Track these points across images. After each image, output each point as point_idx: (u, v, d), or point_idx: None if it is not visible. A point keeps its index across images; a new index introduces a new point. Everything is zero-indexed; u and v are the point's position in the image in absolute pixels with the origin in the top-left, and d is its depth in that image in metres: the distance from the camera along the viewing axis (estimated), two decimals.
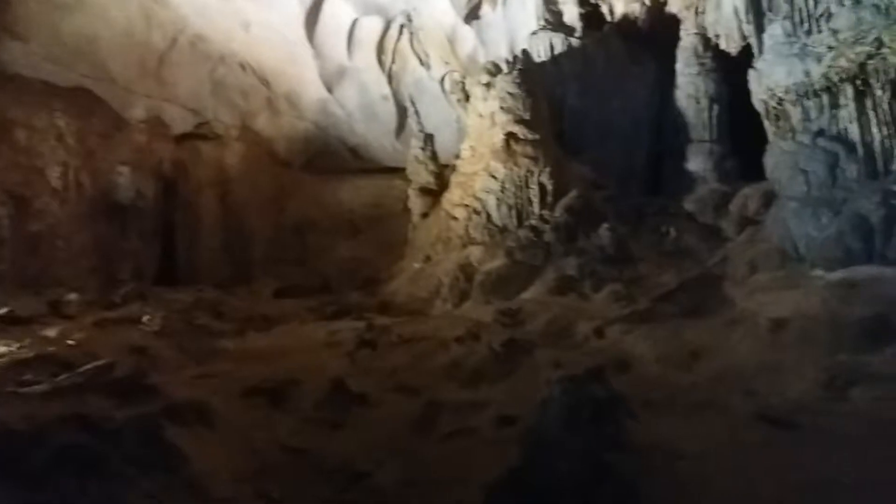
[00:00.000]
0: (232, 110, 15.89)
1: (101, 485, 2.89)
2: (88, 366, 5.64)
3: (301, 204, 16.21)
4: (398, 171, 15.06)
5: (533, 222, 11.33)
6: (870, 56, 7.62)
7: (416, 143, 14.00)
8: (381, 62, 15.59)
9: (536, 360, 6.32)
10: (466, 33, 15.06)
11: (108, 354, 6.17)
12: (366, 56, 15.45)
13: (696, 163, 12.92)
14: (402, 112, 15.87)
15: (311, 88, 15.73)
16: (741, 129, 11.15)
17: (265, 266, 15.24)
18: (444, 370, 6.33)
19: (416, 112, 14.50)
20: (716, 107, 13.03)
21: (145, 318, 8.36)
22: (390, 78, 15.80)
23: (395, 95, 15.91)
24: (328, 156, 16.69)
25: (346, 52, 15.30)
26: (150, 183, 14.73)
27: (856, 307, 6.05)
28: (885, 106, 7.73)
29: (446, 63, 15.53)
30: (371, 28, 15.08)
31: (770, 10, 9.03)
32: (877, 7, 7.67)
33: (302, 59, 15.17)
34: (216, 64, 15.24)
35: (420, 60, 15.65)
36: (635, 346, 6.50)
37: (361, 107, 16.10)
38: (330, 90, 15.78)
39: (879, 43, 7.54)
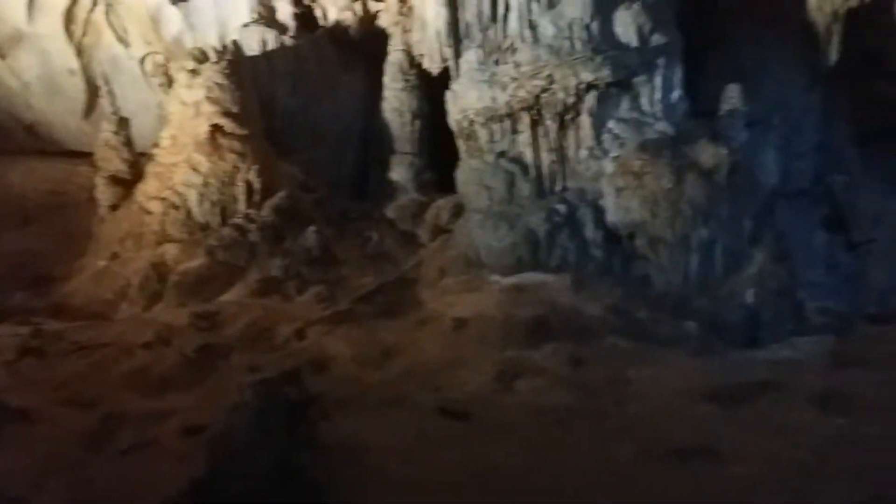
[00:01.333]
0: None
1: None
2: None
3: None
4: (84, 156, 13.42)
5: (238, 221, 10.90)
6: (543, 90, 8.77)
7: (107, 127, 12.57)
8: (69, 32, 13.82)
9: (232, 364, 6.17)
10: (172, 14, 14.00)
11: None
12: (50, 22, 13.57)
13: (399, 173, 13.56)
14: (92, 90, 14.19)
15: None
16: (441, 143, 12.01)
17: None
18: (126, 379, 5.89)
19: (111, 92, 13.06)
20: (418, 122, 13.78)
21: None
22: (80, 51, 14.08)
23: (85, 71, 14.21)
24: None
25: (25, 14, 13.34)
26: None
27: (523, 308, 6.99)
28: (553, 135, 8.97)
29: (148, 43, 14.29)
30: None
31: (467, 38, 9.89)
32: (551, 47, 8.87)
33: None
34: None
35: (117, 36, 14.18)
36: (334, 346, 6.71)
37: (42, 79, 14.12)
38: (2, 56, 13.67)
39: (551, 79, 8.73)
